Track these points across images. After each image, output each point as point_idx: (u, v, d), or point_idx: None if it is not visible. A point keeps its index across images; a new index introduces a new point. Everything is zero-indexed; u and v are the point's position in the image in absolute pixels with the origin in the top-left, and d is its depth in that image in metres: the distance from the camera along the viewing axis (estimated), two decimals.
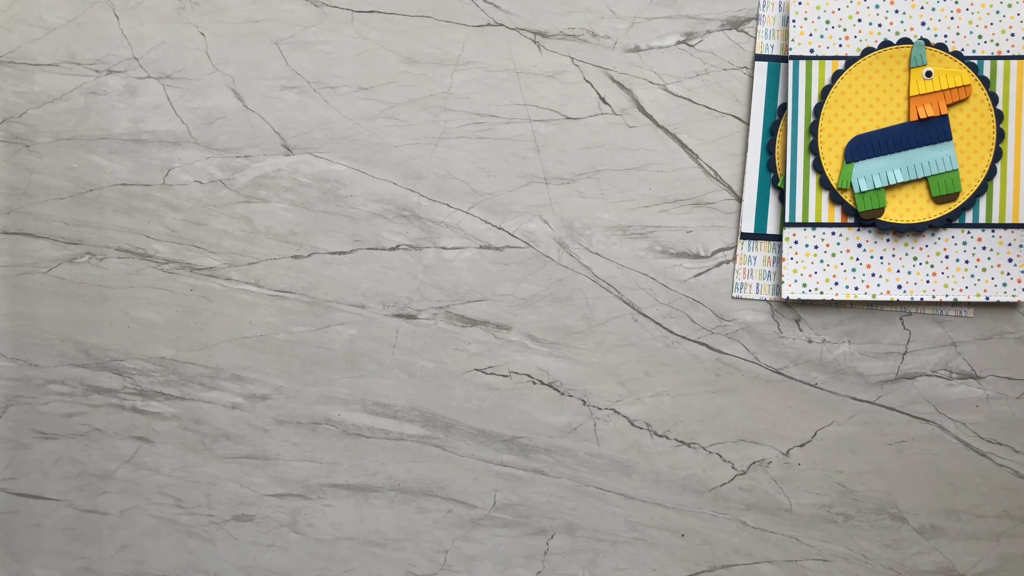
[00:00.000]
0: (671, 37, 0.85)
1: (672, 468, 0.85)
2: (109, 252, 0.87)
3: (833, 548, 0.86)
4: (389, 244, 0.85)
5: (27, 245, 0.88)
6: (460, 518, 0.85)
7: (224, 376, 0.86)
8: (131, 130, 0.87)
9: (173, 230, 0.87)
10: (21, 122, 0.87)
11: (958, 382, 0.85)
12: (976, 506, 0.85)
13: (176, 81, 0.87)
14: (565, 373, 0.85)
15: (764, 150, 0.84)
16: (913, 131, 0.82)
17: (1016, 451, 0.85)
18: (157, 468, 0.87)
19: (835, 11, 0.82)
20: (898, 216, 0.83)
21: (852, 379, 0.85)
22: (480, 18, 0.85)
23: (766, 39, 0.84)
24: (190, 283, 0.87)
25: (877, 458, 0.85)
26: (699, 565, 0.86)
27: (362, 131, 0.85)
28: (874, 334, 0.85)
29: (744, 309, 0.85)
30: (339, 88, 0.86)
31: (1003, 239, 0.83)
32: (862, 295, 0.83)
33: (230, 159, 0.86)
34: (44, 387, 0.88)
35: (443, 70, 0.85)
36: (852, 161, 0.82)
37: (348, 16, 0.86)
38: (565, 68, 0.85)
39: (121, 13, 0.87)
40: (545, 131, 0.85)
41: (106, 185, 0.87)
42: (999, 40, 0.82)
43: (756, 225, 0.85)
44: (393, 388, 0.86)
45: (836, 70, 0.82)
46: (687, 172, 0.85)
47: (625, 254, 0.84)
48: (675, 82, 0.85)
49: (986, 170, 0.82)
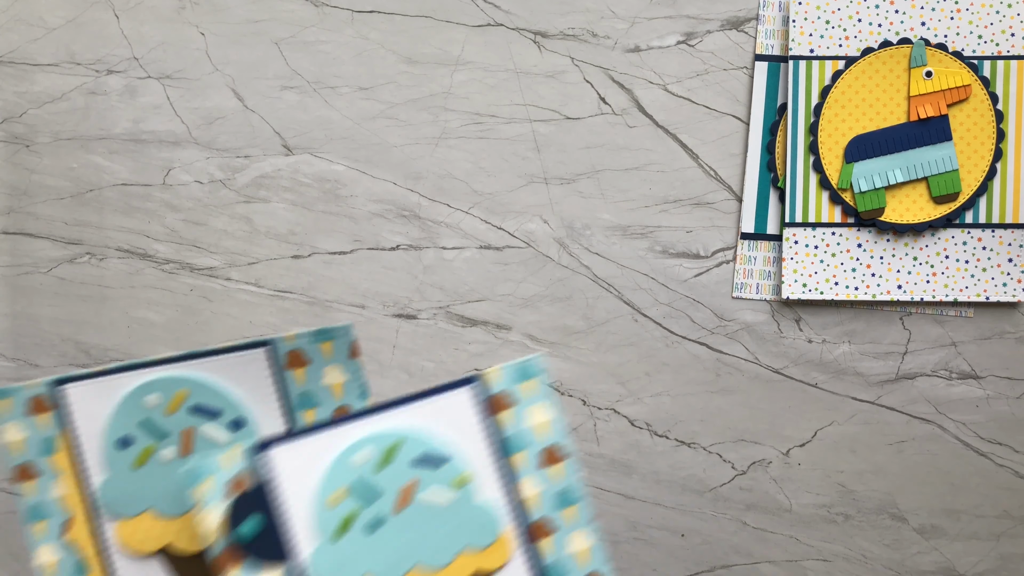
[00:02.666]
0: (671, 37, 0.85)
1: (672, 468, 0.85)
2: (109, 252, 0.87)
3: (833, 548, 0.86)
4: (389, 244, 0.85)
5: (27, 245, 0.88)
6: None
7: None
8: (131, 130, 0.87)
9: (173, 230, 0.87)
10: (21, 122, 0.87)
11: (958, 382, 0.85)
12: (976, 506, 0.85)
13: (176, 81, 0.87)
14: (565, 373, 0.85)
15: (764, 150, 0.84)
16: (913, 131, 0.82)
17: (1016, 451, 0.85)
18: None
19: (835, 11, 0.82)
20: (898, 216, 0.83)
21: (852, 379, 0.85)
22: (480, 18, 0.85)
23: (766, 39, 0.84)
24: (190, 283, 0.87)
25: (877, 458, 0.85)
26: (699, 565, 0.86)
27: (362, 131, 0.85)
28: (874, 334, 0.85)
29: (744, 309, 0.85)
30: (339, 88, 0.86)
31: (1003, 239, 0.83)
32: (862, 295, 0.83)
33: (230, 159, 0.86)
34: None
35: (443, 70, 0.85)
36: (852, 161, 0.82)
37: (348, 16, 0.86)
38: (565, 68, 0.85)
39: (121, 13, 0.87)
40: (545, 131, 0.85)
41: (106, 185, 0.87)
42: (999, 40, 0.82)
43: (756, 225, 0.85)
44: (393, 388, 0.86)
45: (836, 70, 0.82)
46: (687, 172, 0.85)
47: (625, 254, 0.84)
48: (675, 82, 0.85)
49: (986, 170, 0.82)
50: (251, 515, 0.46)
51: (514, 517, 0.48)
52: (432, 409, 0.48)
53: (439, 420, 0.48)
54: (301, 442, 0.46)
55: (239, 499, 0.45)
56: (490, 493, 0.48)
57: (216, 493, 0.45)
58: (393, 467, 0.47)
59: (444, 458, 0.47)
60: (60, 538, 0.51)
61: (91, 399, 0.50)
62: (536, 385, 0.48)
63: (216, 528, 0.45)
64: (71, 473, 0.51)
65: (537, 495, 0.48)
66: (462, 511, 0.47)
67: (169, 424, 0.50)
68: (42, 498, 0.52)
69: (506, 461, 0.48)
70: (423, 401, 0.48)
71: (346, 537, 0.46)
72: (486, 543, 0.48)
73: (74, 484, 0.51)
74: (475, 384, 0.48)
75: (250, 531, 0.45)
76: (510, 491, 0.48)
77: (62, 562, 0.51)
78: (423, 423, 0.48)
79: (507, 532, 0.48)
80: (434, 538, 0.47)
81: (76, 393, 0.50)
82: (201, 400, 0.50)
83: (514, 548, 0.48)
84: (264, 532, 0.45)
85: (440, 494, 0.47)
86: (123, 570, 0.50)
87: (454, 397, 0.48)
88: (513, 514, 0.48)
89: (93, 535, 0.51)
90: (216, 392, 0.50)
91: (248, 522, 0.45)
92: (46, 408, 0.50)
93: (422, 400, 0.48)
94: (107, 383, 0.50)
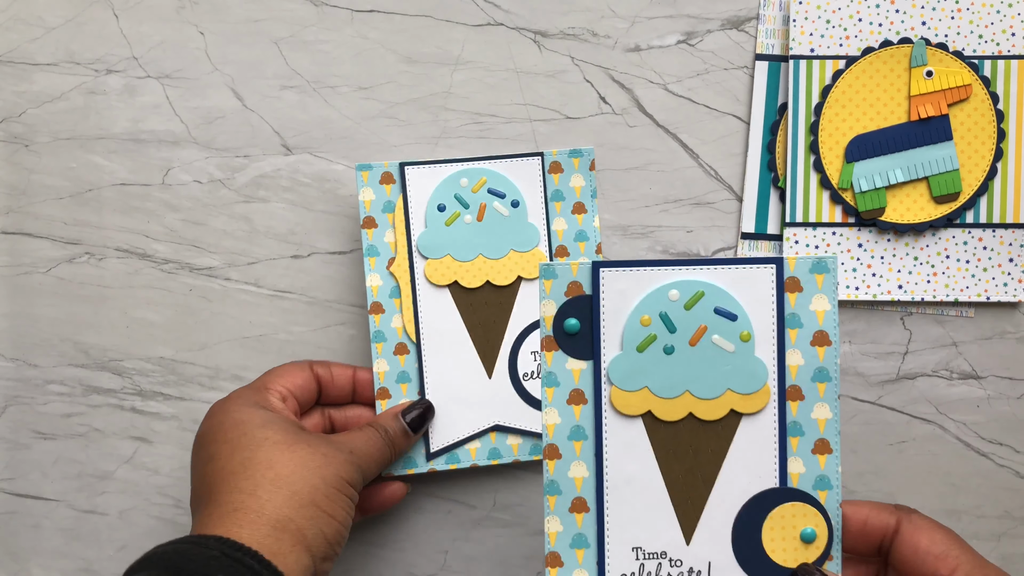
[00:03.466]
0: (671, 37, 0.85)
1: None
2: (108, 252, 0.87)
3: None
4: None
5: (26, 245, 0.88)
6: (460, 518, 0.84)
7: (224, 376, 0.86)
8: (130, 130, 0.87)
9: (172, 230, 0.87)
10: (20, 122, 0.87)
11: (959, 382, 0.85)
12: (977, 506, 0.85)
13: (175, 81, 0.87)
14: None
15: (764, 150, 0.84)
16: (914, 131, 0.82)
17: (1017, 451, 0.85)
18: (156, 469, 0.87)
19: (835, 11, 0.82)
20: (899, 216, 0.83)
21: (853, 379, 0.85)
22: (480, 18, 0.85)
23: (766, 39, 0.84)
24: (189, 283, 0.87)
25: (878, 458, 0.85)
26: None
27: (362, 131, 0.85)
28: (875, 334, 0.85)
29: None
30: (339, 88, 0.86)
31: (1004, 239, 0.83)
32: (863, 295, 0.83)
33: (230, 159, 0.86)
34: (43, 387, 0.87)
35: (443, 70, 0.85)
36: (853, 161, 0.82)
37: (348, 16, 0.85)
38: (565, 68, 0.85)
39: (120, 13, 0.87)
40: (545, 131, 0.85)
41: (105, 185, 0.87)
42: (999, 40, 0.82)
43: (756, 225, 0.85)
44: None
45: (837, 70, 0.82)
46: (687, 172, 0.85)
47: (625, 254, 0.84)
48: (675, 82, 0.85)
49: (987, 170, 0.82)
50: (575, 316, 0.59)
51: (777, 377, 0.59)
52: (739, 275, 0.59)
53: (740, 285, 0.59)
54: (627, 271, 0.59)
55: (570, 300, 0.59)
56: (764, 353, 0.59)
57: (556, 291, 0.59)
58: (695, 310, 0.59)
59: (736, 315, 0.59)
60: (386, 269, 0.78)
61: (424, 178, 0.79)
62: (825, 279, 0.59)
63: (547, 318, 0.59)
64: (400, 225, 0.78)
65: (799, 366, 0.59)
66: (739, 360, 0.59)
67: (471, 199, 0.78)
68: (376, 242, 0.79)
69: (784, 332, 0.59)
70: (733, 266, 0.59)
71: (644, 353, 0.59)
72: (751, 390, 0.59)
73: (402, 233, 0.78)
74: (779, 264, 0.59)
75: (571, 328, 0.59)
76: (780, 356, 0.59)
77: (382, 287, 0.78)
78: (727, 283, 0.59)
79: (768, 386, 0.59)
80: (711, 375, 0.59)
81: (412, 172, 0.79)
82: (493, 185, 0.78)
83: (770, 400, 0.59)
84: (581, 332, 0.59)
85: (727, 342, 0.59)
86: (424, 295, 0.76)
87: (759, 271, 0.59)
88: (777, 374, 0.59)
89: (409, 270, 0.78)
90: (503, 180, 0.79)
91: (571, 320, 0.59)
92: (392, 180, 0.79)
93: (732, 265, 0.59)
94: (434, 170, 0.79)
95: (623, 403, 0.59)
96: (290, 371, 0.72)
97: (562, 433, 0.59)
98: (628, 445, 0.59)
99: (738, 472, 0.59)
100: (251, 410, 0.65)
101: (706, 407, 0.59)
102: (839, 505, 0.59)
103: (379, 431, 0.70)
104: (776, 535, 0.59)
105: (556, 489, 0.60)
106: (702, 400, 0.59)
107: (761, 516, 0.59)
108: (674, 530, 0.59)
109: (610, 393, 0.59)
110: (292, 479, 0.60)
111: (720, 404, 0.59)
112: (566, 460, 0.59)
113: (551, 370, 0.59)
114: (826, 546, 0.59)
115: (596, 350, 0.59)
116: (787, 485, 0.59)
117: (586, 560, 0.60)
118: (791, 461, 0.59)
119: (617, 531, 0.59)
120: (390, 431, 0.70)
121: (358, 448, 0.66)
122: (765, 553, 0.59)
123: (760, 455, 0.59)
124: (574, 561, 0.60)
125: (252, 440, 0.63)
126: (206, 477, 0.63)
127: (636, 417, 0.59)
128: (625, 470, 0.59)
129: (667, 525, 0.59)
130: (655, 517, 0.59)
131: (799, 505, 0.59)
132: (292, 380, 0.71)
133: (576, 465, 0.60)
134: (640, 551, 0.59)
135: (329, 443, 0.64)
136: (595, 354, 0.59)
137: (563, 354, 0.59)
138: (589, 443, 0.59)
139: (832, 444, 0.59)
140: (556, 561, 0.60)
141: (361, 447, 0.67)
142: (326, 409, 0.75)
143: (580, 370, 0.59)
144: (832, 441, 0.59)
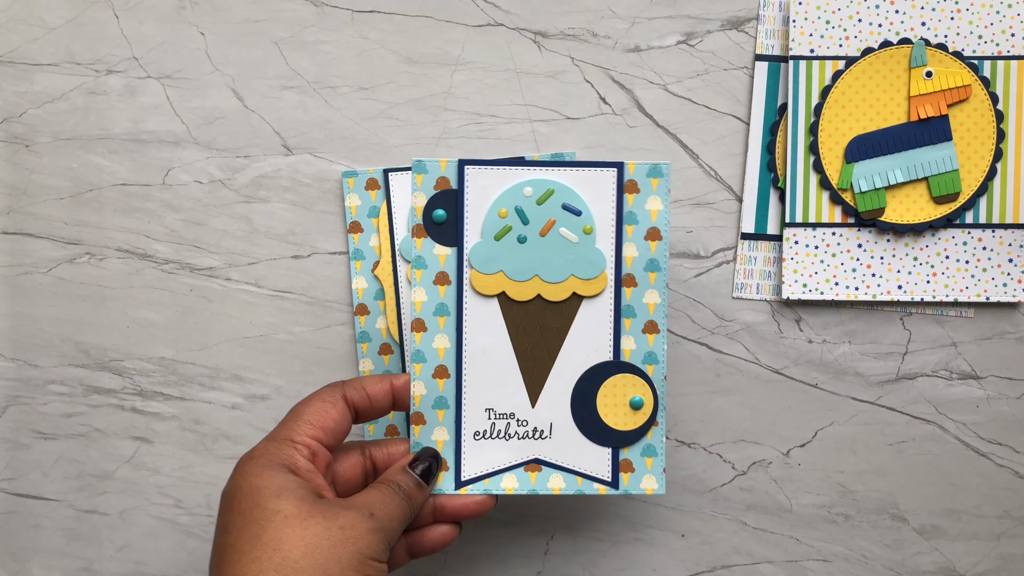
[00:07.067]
0: (671, 37, 0.85)
1: (672, 468, 0.85)
2: (109, 252, 0.87)
3: (833, 548, 0.86)
4: None
5: (26, 245, 0.88)
6: None
7: (224, 376, 0.86)
8: (131, 130, 0.87)
9: (173, 230, 0.87)
10: (21, 122, 0.87)
11: (958, 382, 0.85)
12: (976, 506, 0.85)
13: (176, 81, 0.87)
14: None
15: (764, 150, 0.84)
16: (913, 131, 0.82)
17: (1016, 451, 0.85)
18: (157, 468, 0.87)
19: (835, 11, 0.82)
20: (898, 216, 0.83)
21: (852, 379, 0.85)
22: (480, 18, 0.85)
23: (766, 39, 0.84)
24: (190, 283, 0.87)
25: (877, 458, 0.85)
26: (699, 565, 0.86)
27: (362, 131, 0.85)
28: (874, 334, 0.85)
29: (744, 309, 0.85)
30: (339, 88, 0.86)
31: (1003, 239, 0.83)
32: (862, 295, 0.83)
33: (230, 159, 0.86)
34: (43, 387, 0.87)
35: (443, 70, 0.85)
36: (852, 161, 0.82)
37: (348, 16, 0.85)
38: (565, 68, 0.85)
39: (121, 13, 0.87)
40: (545, 131, 0.85)
41: (106, 185, 0.87)
42: (999, 40, 0.82)
43: (756, 225, 0.85)
44: None
45: (836, 70, 0.82)
46: (687, 172, 0.85)
47: None
48: (675, 82, 0.85)
49: (986, 170, 0.82)
50: (443, 207, 0.68)
51: (615, 266, 0.69)
52: (585, 177, 0.69)
53: (585, 185, 0.69)
54: (489, 169, 0.68)
55: (438, 193, 0.68)
56: (604, 244, 0.69)
57: (427, 185, 0.68)
58: (546, 205, 0.68)
59: (581, 211, 0.68)
60: (371, 272, 0.81)
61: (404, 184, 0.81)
62: (659, 182, 0.69)
63: (418, 208, 0.68)
64: (384, 230, 0.80)
65: (634, 257, 0.69)
66: (582, 250, 0.69)
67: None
68: (361, 246, 0.81)
69: (622, 227, 0.69)
70: (581, 168, 0.68)
71: (501, 241, 0.68)
72: (591, 276, 0.69)
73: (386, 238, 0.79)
74: (620, 168, 0.69)
75: (439, 218, 0.68)
76: (618, 248, 0.69)
77: (367, 289, 0.81)
78: (575, 183, 0.69)
79: (606, 273, 0.69)
80: (557, 262, 0.68)
81: (395, 178, 0.81)
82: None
83: (607, 286, 0.69)
84: (447, 222, 0.68)
85: (572, 234, 0.68)
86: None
87: (603, 173, 0.68)
88: (615, 264, 0.69)
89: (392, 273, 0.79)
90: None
91: (439, 211, 0.68)
92: (377, 186, 0.81)
93: (580, 167, 0.68)
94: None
95: (481, 284, 0.68)
96: (321, 409, 0.66)
97: (428, 309, 0.68)
98: (485, 321, 0.68)
99: (578, 347, 0.68)
100: (269, 475, 0.61)
101: (552, 290, 0.68)
102: (664, 378, 0.69)
103: (392, 488, 0.65)
104: (609, 401, 0.69)
105: (421, 358, 0.68)
106: (549, 284, 0.68)
107: (596, 385, 0.69)
108: (521, 395, 0.69)
109: (470, 276, 0.68)
110: (300, 565, 0.57)
111: (564, 287, 0.68)
112: (431, 333, 0.68)
113: (420, 254, 0.68)
114: (652, 412, 0.69)
115: (460, 238, 0.68)
116: (620, 359, 0.69)
117: (446, 419, 0.69)
118: (624, 339, 0.69)
119: (473, 394, 0.69)
120: (403, 486, 0.66)
121: (379, 510, 0.62)
122: (599, 416, 0.69)
123: (597, 333, 0.68)
124: (435, 420, 0.69)
125: (263, 514, 0.59)
126: (218, 549, 0.61)
127: (492, 297, 0.68)
128: (481, 342, 0.68)
129: (516, 390, 0.69)
130: (506, 383, 0.69)
131: (629, 376, 0.69)
132: (323, 422, 0.66)
133: (439, 337, 0.68)
134: (492, 412, 0.69)
135: (348, 509, 0.60)
136: (459, 241, 0.68)
137: (431, 241, 0.68)
138: (451, 319, 0.68)
139: (659, 325, 0.69)
140: (420, 420, 0.69)
141: (381, 508, 0.63)
142: (367, 448, 0.70)
143: (446, 255, 0.68)
144: (660, 323, 0.69)
